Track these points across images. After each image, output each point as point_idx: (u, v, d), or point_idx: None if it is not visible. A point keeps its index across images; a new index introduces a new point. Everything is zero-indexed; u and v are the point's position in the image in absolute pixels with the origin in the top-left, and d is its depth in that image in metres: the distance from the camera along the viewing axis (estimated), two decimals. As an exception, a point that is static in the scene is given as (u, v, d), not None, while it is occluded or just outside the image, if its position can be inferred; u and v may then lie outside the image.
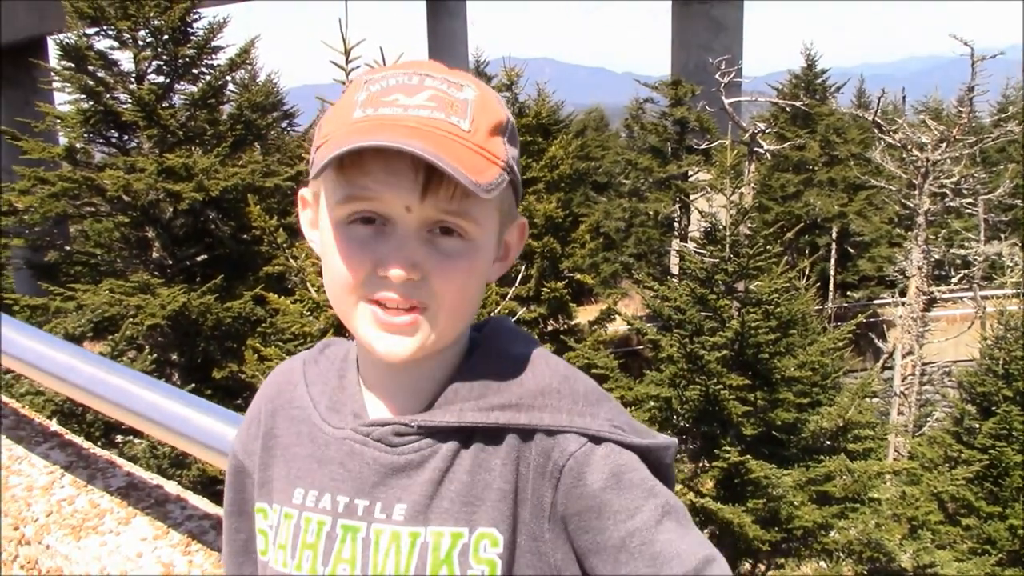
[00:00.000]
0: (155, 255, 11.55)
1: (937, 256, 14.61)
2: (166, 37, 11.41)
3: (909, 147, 13.76)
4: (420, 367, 0.93)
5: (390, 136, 0.82)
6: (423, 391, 0.94)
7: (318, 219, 0.95)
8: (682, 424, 9.32)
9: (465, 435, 0.91)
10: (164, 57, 11.59)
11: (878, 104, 15.02)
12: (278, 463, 0.99)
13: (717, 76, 16.05)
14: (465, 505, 0.89)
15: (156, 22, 11.21)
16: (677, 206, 21.33)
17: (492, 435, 0.91)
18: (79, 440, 2.91)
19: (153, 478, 2.65)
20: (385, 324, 0.88)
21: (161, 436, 2.22)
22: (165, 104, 11.55)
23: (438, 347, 0.91)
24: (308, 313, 7.50)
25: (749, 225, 9.63)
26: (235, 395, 10.75)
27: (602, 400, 0.94)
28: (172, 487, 2.59)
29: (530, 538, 0.90)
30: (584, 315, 13.82)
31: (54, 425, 3.03)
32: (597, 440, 0.90)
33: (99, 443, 6.06)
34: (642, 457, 0.92)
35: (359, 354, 0.99)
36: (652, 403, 9.16)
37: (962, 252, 16.16)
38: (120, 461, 2.76)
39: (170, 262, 11.51)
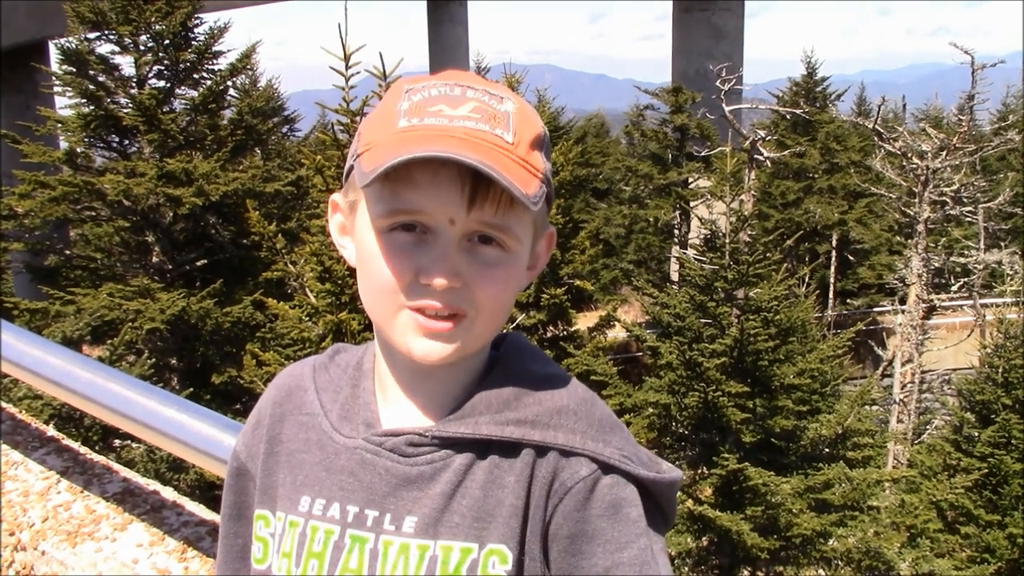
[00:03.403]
0: (155, 260, 11.54)
1: (937, 264, 14.61)
2: (167, 42, 11.41)
3: (909, 155, 13.77)
4: (445, 372, 0.93)
5: (440, 146, 0.82)
6: (444, 398, 0.94)
7: (351, 225, 0.95)
8: (681, 431, 9.32)
9: (481, 448, 0.91)
10: (165, 62, 11.58)
11: (878, 112, 15.05)
12: (283, 469, 0.99)
13: (717, 83, 16.05)
14: (476, 520, 0.89)
15: (157, 27, 11.21)
16: (677, 213, 21.34)
17: (508, 450, 0.91)
18: (76, 445, 2.91)
19: (149, 484, 2.64)
20: (426, 329, 0.88)
21: (157, 442, 2.21)
22: (166, 109, 11.56)
23: (471, 352, 0.92)
24: (307, 318, 7.50)
25: (749, 232, 9.63)
26: (234, 400, 10.74)
27: (615, 428, 0.94)
28: (168, 493, 2.58)
29: (530, 556, 0.90)
30: (583, 321, 13.76)
31: (51, 430, 3.03)
32: (607, 468, 0.91)
33: (97, 447, 6.06)
34: (647, 490, 0.93)
35: (381, 358, 0.98)
36: (651, 410, 9.16)
37: (962, 260, 16.18)
38: (116, 466, 2.75)
39: (170, 267, 11.49)
